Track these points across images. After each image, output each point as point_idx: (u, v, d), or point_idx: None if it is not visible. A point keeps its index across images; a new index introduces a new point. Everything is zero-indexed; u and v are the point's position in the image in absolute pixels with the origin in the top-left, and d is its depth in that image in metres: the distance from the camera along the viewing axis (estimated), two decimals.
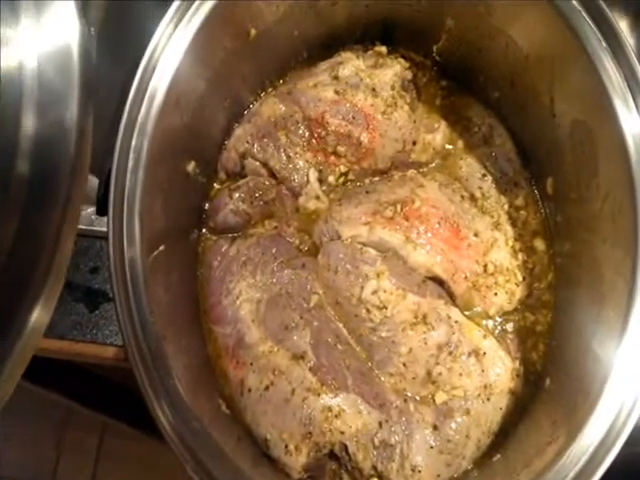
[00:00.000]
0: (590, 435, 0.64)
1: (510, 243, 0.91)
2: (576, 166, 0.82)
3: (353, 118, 0.94)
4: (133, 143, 0.71)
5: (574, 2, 0.75)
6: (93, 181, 0.94)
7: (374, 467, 0.77)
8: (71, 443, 2.28)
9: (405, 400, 0.81)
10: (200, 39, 0.78)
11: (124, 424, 1.83)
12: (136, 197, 0.71)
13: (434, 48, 1.02)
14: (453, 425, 0.79)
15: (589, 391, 0.68)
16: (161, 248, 0.77)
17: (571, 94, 0.81)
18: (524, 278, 0.90)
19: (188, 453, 0.66)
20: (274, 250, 0.90)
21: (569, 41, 0.76)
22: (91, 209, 1.05)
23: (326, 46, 1.01)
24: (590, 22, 0.75)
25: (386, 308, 0.83)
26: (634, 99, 0.71)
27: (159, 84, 0.73)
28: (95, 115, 1.05)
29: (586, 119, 0.78)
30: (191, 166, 0.86)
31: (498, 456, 0.78)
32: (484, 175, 0.96)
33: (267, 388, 0.79)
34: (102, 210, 0.74)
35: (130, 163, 0.70)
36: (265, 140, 0.95)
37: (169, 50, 0.75)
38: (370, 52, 1.01)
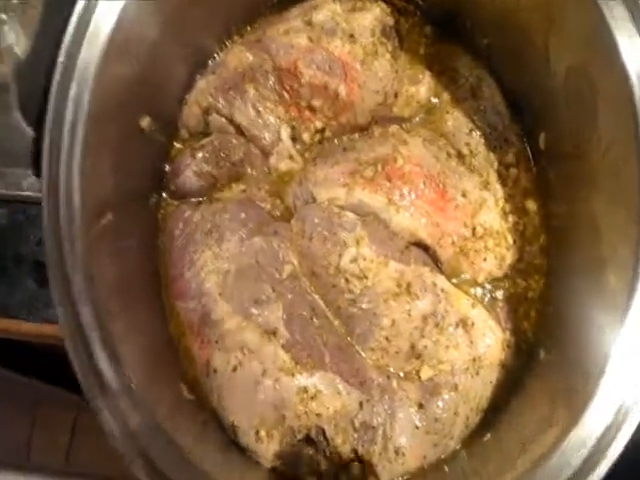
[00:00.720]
0: (595, 417, 0.58)
1: (500, 204, 0.84)
2: (573, 118, 0.74)
3: (329, 68, 0.84)
4: (72, 91, 0.61)
5: None
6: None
7: (354, 450, 0.71)
8: (45, 419, 2.21)
9: (388, 377, 0.75)
10: None
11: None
12: (74, 155, 0.61)
13: None
14: (440, 403, 0.73)
15: (591, 366, 0.62)
16: (109, 214, 0.68)
17: (569, 36, 0.72)
18: (515, 241, 0.83)
19: (137, 453, 0.58)
20: (243, 216, 0.82)
21: None
22: None
23: None
24: None
25: (366, 277, 0.75)
26: None
27: (102, 22, 0.64)
28: (34, 57, 0.94)
29: (585, 64, 0.70)
30: (146, 121, 0.77)
31: (489, 435, 0.72)
32: (472, 130, 0.88)
33: (235, 369, 0.72)
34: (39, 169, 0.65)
35: (68, 115, 0.61)
36: (231, 93, 0.86)
37: None
38: None
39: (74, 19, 0.62)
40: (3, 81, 1.02)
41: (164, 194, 0.85)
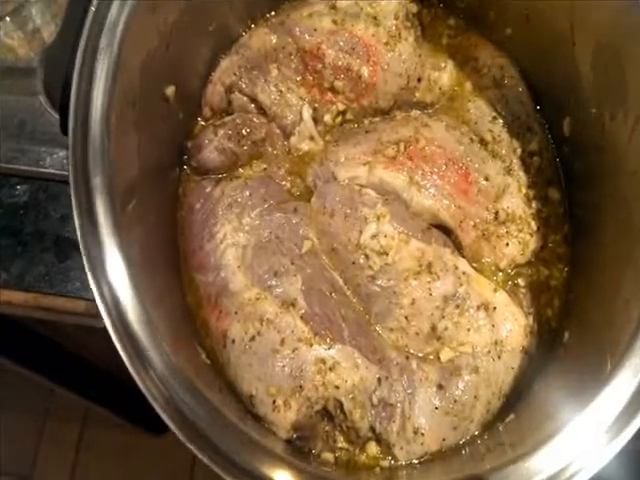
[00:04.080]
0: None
1: (523, 190, 0.82)
2: (599, 97, 0.74)
3: (352, 49, 0.84)
4: (101, 45, 0.60)
5: None
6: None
7: (372, 428, 0.69)
8: (51, 434, 2.18)
9: (407, 357, 0.73)
10: None
11: (108, 411, 1.73)
12: (101, 116, 0.60)
13: None
14: (460, 384, 0.71)
15: (615, 349, 0.60)
16: (135, 186, 0.67)
17: (596, 15, 0.72)
18: (538, 228, 0.81)
19: (177, 414, 0.57)
20: (263, 192, 0.81)
21: None
22: (62, 152, 0.95)
23: None
24: None
25: (387, 254, 0.74)
26: None
27: None
28: (60, 43, 0.95)
29: (613, 40, 0.69)
30: (170, 90, 0.76)
31: (511, 416, 0.70)
32: (494, 118, 0.87)
33: (253, 338, 0.70)
34: (64, 128, 0.64)
35: (98, 69, 0.60)
36: (254, 73, 0.86)
37: None
38: None
39: None
40: (29, 65, 1.02)
41: (185, 169, 0.85)
